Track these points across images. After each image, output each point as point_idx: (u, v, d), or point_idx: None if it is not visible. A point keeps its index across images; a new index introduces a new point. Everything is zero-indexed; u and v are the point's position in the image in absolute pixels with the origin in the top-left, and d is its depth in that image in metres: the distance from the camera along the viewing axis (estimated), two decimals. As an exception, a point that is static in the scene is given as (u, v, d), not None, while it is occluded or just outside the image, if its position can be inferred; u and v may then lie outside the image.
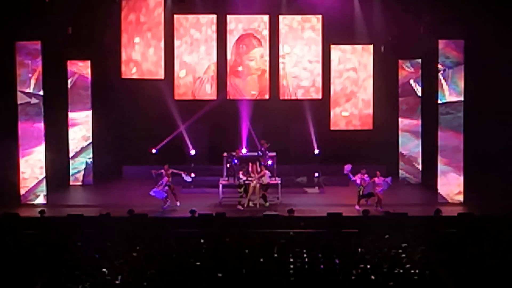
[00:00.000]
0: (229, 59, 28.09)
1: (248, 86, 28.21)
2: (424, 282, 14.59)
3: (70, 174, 27.50)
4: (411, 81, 27.28)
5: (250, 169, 24.15)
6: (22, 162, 24.07)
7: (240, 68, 28.16)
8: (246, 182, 23.89)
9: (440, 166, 24.06)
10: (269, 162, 25.40)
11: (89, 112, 27.57)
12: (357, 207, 23.20)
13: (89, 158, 27.56)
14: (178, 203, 23.94)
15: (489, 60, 25.83)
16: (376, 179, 23.48)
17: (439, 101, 24.02)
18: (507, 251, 16.32)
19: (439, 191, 24.10)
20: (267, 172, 24.23)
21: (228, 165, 25.60)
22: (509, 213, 20.34)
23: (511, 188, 24.05)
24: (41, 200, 24.10)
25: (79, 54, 27.11)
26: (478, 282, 14.81)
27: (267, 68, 28.12)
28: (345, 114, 27.99)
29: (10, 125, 24.24)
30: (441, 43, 24.03)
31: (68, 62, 27.25)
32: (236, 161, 25.34)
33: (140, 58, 27.68)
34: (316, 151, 27.83)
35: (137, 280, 14.63)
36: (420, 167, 27.25)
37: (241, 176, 23.95)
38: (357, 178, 23.53)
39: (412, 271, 15.03)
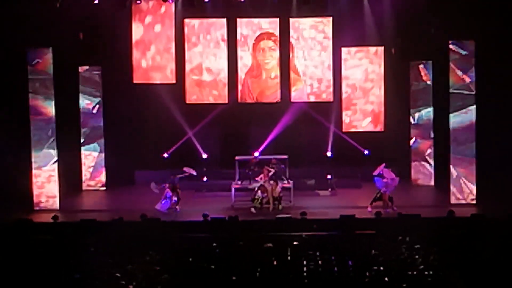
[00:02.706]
0: (244, 62, 28.16)
1: (267, 90, 28.26)
2: (438, 284, 14.53)
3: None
4: (420, 66, 27.28)
5: (262, 176, 24.25)
6: (35, 167, 24.15)
7: (256, 72, 28.20)
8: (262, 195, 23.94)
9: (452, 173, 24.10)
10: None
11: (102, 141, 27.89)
12: (369, 208, 23.16)
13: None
14: (178, 209, 23.94)
15: (501, 60, 25.73)
16: (384, 180, 23.43)
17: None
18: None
19: (451, 192, 24.06)
20: (280, 187, 24.20)
21: (251, 168, 25.47)
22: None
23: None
24: (54, 205, 24.17)
25: (90, 59, 27.20)
26: (492, 284, 14.76)
27: (278, 71, 28.15)
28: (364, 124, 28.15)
29: (23, 131, 24.30)
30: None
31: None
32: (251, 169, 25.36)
33: (151, 62, 27.74)
34: (328, 154, 27.86)
35: (151, 285, 14.63)
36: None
37: (259, 194, 23.94)
38: (384, 181, 23.49)
39: (426, 272, 14.98)
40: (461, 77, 23.78)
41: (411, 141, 27.56)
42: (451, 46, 23.91)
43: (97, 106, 27.67)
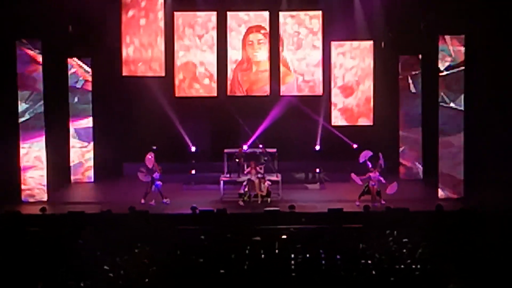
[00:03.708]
0: (233, 56, 28.14)
1: (257, 83, 28.24)
2: (426, 278, 14.57)
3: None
4: (408, 77, 27.34)
5: (248, 168, 24.25)
6: (23, 160, 24.10)
7: (246, 65, 28.20)
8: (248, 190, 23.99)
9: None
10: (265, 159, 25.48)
11: (90, 120, 27.86)
12: (357, 202, 23.18)
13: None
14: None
15: (490, 55, 25.78)
16: (371, 174, 23.46)
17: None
18: (508, 246, 16.33)
19: (440, 187, 24.14)
20: (268, 183, 24.21)
21: (236, 162, 25.48)
22: (511, 208, 20.33)
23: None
24: (42, 197, 24.13)
25: (80, 52, 27.16)
26: (480, 277, 14.82)
27: (268, 64, 28.15)
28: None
29: (11, 122, 24.24)
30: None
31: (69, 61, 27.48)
32: (237, 160, 25.37)
33: (141, 55, 27.68)
34: (317, 147, 27.91)
35: (139, 277, 14.63)
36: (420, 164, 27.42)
37: (246, 190, 23.97)
38: (370, 175, 23.50)
39: (414, 266, 15.03)
40: (449, 106, 23.88)
41: (400, 149, 27.72)
42: (440, 68, 24.00)
43: (83, 82, 27.66)
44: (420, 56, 27.12)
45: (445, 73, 23.90)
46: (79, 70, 27.56)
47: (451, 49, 23.86)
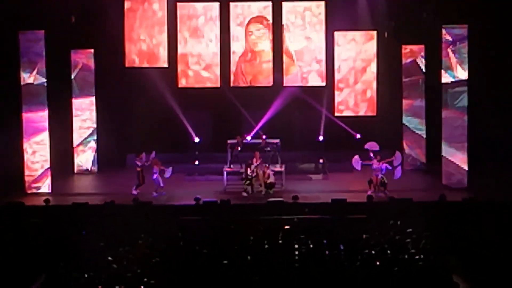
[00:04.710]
0: (236, 46, 28.11)
1: (260, 74, 28.22)
2: (429, 268, 14.58)
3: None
4: (417, 60, 27.23)
5: (254, 160, 24.18)
6: (26, 151, 24.11)
7: (250, 56, 28.17)
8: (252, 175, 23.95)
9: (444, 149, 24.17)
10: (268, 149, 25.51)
11: (93, 100, 27.70)
12: (369, 192, 23.03)
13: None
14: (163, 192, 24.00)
15: (493, 44, 25.75)
16: (374, 164, 23.39)
17: (450, 80, 23.94)
18: (511, 236, 16.33)
19: (443, 176, 24.12)
20: (271, 172, 24.20)
21: (237, 150, 25.47)
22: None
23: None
24: (45, 188, 24.15)
25: (83, 43, 27.14)
26: (483, 267, 14.82)
27: (271, 55, 28.12)
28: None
29: (14, 114, 24.24)
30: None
31: (71, 53, 27.36)
32: (239, 149, 25.38)
33: (144, 46, 27.68)
34: (320, 138, 27.88)
35: (142, 268, 14.64)
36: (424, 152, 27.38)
37: (248, 172, 23.93)
38: (373, 164, 23.47)
39: (417, 256, 15.02)
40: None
41: (403, 139, 27.70)
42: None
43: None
44: (423, 70, 27.03)
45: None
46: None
47: (455, 71, 23.85)
